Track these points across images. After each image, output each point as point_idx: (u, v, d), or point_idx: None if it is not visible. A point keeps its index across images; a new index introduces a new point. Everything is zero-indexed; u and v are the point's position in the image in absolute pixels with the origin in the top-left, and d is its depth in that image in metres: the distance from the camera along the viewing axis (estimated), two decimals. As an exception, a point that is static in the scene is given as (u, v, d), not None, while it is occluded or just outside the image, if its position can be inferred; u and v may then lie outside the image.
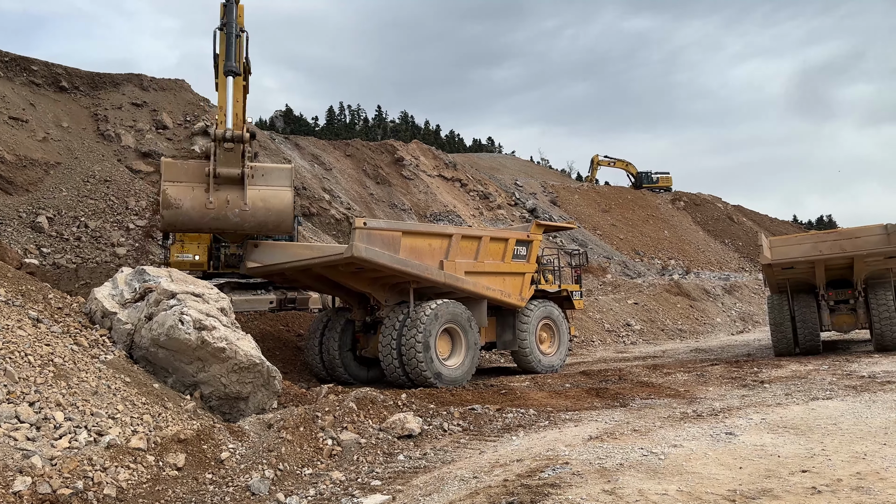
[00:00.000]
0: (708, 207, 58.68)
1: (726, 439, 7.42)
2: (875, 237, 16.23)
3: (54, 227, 21.36)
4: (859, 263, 16.42)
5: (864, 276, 17.14)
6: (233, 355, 8.71)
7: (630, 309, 27.81)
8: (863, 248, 16.12)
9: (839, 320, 17.51)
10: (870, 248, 16.10)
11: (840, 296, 17.46)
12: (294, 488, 6.68)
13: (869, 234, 16.39)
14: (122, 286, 9.52)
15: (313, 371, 14.80)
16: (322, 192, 31.74)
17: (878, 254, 16.14)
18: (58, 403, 6.65)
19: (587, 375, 14.61)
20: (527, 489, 5.86)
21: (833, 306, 17.53)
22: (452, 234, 13.74)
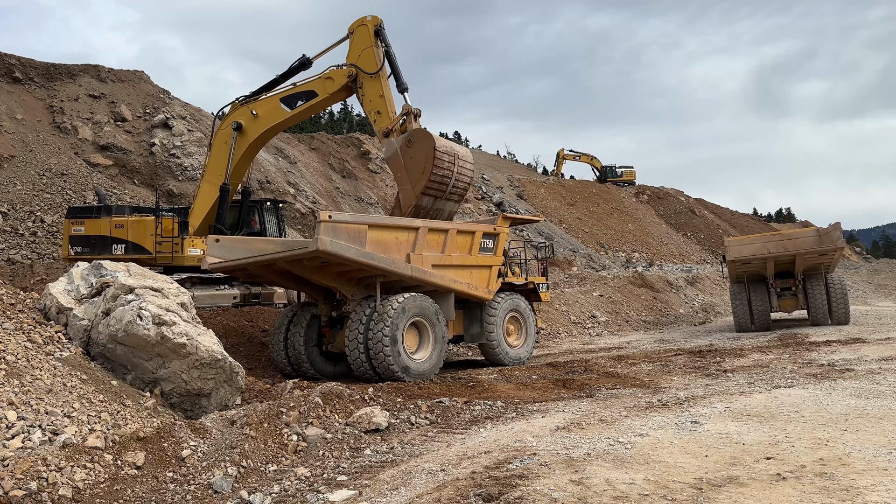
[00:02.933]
0: (671, 201, 59.58)
1: (691, 428, 7.48)
2: (810, 238, 21.19)
3: (9, 223, 20.74)
4: (799, 259, 21.06)
5: (803, 269, 21.88)
6: (194, 351, 8.52)
7: (595, 301, 28.05)
8: (801, 248, 20.79)
9: (784, 303, 22.65)
10: (806, 248, 20.80)
11: (785, 284, 22.42)
12: (258, 485, 6.54)
13: (806, 236, 21.51)
14: (77, 281, 9.24)
15: (279, 367, 14.60)
16: (287, 185, 31.34)
17: (813, 252, 20.87)
18: (10, 402, 6.41)
19: (554, 367, 14.66)
20: (495, 481, 5.82)
21: (780, 292, 22.52)
22: (419, 228, 13.63)
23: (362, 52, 15.12)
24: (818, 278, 21.83)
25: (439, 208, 14.87)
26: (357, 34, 15.29)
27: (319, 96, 15.68)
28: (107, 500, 5.81)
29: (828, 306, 21.67)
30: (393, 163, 14.48)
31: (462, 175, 14.88)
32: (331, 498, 5.97)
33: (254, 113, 16.35)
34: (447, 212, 15.14)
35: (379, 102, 14.82)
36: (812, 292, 21.77)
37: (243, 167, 17.25)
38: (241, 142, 16.52)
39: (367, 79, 15.01)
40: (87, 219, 17.35)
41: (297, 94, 15.91)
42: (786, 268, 21.88)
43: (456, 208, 15.47)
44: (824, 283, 21.78)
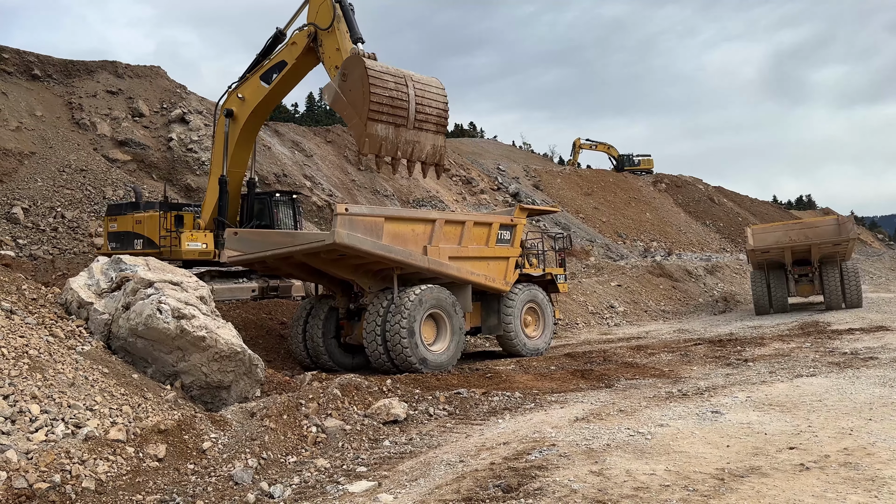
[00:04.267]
0: (689, 189, 59.00)
1: (712, 418, 7.42)
2: (830, 227, 23.77)
3: (30, 218, 20.99)
4: (814, 249, 23.00)
5: (819, 257, 23.45)
6: (213, 344, 8.56)
7: (613, 291, 27.89)
8: (822, 237, 23.07)
9: (802, 289, 24.48)
10: (826, 236, 23.06)
11: (802, 271, 24.13)
12: (278, 477, 6.58)
13: (826, 225, 24.08)
14: (98, 276, 9.31)
15: (298, 359, 14.66)
16: (303, 179, 31.43)
17: (828, 242, 23.02)
18: (33, 396, 6.48)
19: (572, 357, 14.61)
20: (514, 472, 5.80)
21: (797, 279, 24.30)
22: (436, 220, 13.61)
23: (319, 8, 14.77)
24: (833, 266, 23.49)
25: (412, 140, 13.83)
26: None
27: (289, 64, 15.42)
28: (129, 493, 5.86)
29: (842, 291, 23.38)
30: (337, 105, 13.69)
31: (427, 100, 13.92)
32: (350, 489, 5.98)
33: (240, 97, 16.25)
34: (427, 145, 14.11)
35: (336, 57, 14.29)
36: (827, 278, 23.38)
37: (243, 156, 17.00)
38: (234, 128, 16.43)
39: (324, 35, 14.64)
40: (118, 216, 18.06)
41: (272, 67, 15.73)
42: (803, 255, 23.61)
43: (441, 141, 14.43)
44: (839, 270, 23.46)
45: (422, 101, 13.90)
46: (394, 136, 13.58)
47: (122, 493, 5.82)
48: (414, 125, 13.81)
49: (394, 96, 13.48)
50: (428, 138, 14.18)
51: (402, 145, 13.75)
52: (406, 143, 13.80)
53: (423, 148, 14.09)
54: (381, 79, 13.30)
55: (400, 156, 13.76)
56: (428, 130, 14.12)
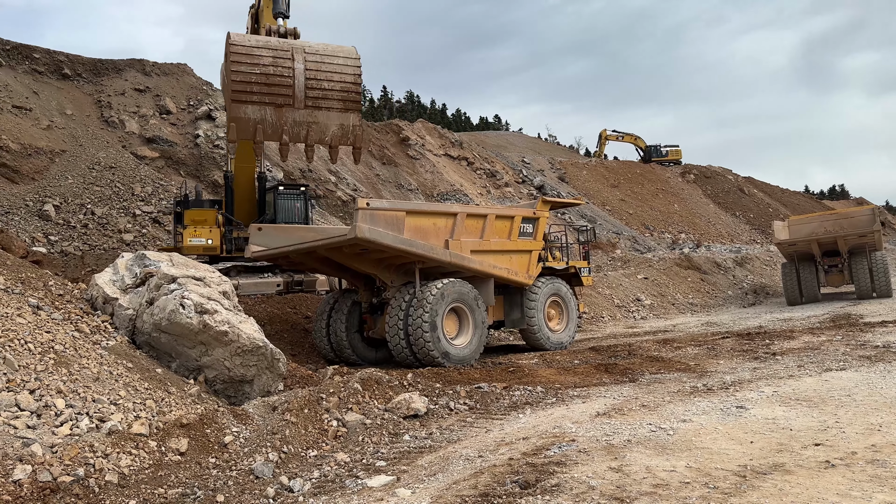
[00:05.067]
0: (718, 180, 58.09)
1: (737, 413, 7.28)
2: (865, 217, 24.33)
3: (61, 215, 21.39)
4: (841, 240, 23.66)
5: (848, 248, 24.16)
6: (235, 338, 8.64)
7: (640, 284, 27.60)
8: (857, 227, 23.77)
9: (832, 279, 25.02)
10: (861, 227, 23.70)
11: (832, 262, 24.67)
12: (298, 471, 6.62)
13: (861, 215, 24.59)
14: (122, 272, 9.45)
15: (322, 353, 14.76)
16: (328, 174, 31.58)
17: (854, 234, 23.62)
18: (59, 390, 6.59)
19: (596, 351, 14.49)
20: (532, 468, 5.76)
21: (827, 269, 24.85)
22: (457, 213, 13.57)
23: None
24: (862, 256, 24.11)
25: (306, 121, 12.40)
26: None
27: None
28: (151, 486, 5.94)
29: (871, 281, 23.90)
30: (223, 88, 12.90)
31: (325, 73, 12.42)
32: (369, 483, 5.99)
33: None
34: (332, 126, 12.58)
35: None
36: (856, 269, 23.98)
37: (249, 150, 16.65)
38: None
39: (260, 13, 14.13)
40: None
41: None
42: (832, 247, 24.21)
43: (353, 120, 12.75)
44: (867, 260, 23.99)
45: (316, 76, 12.33)
46: (274, 118, 12.20)
47: (144, 487, 5.90)
48: (305, 104, 12.30)
49: (269, 73, 12.06)
50: (332, 118, 12.60)
51: (291, 127, 12.29)
52: (295, 124, 12.33)
53: (325, 129, 12.54)
54: (250, 55, 12.03)
55: (288, 140, 12.30)
56: (331, 109, 12.56)
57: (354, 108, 12.75)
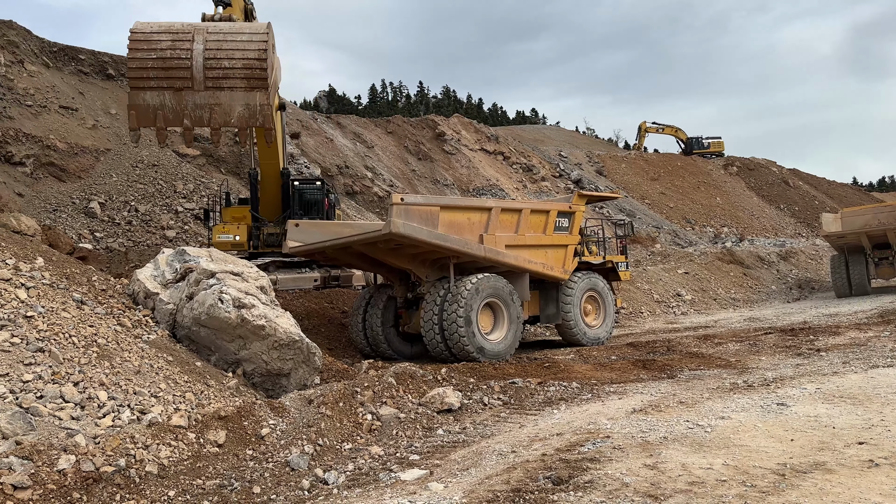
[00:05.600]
0: (762, 172, 56.75)
1: (778, 410, 7.11)
2: None
3: (106, 213, 21.97)
4: (891, 233, 23.35)
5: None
6: (272, 332, 8.77)
7: (680, 279, 27.16)
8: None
9: (881, 272, 24.79)
10: None
11: (883, 254, 24.45)
12: (333, 463, 6.69)
13: None
14: (163, 267, 9.66)
15: (358, 347, 14.89)
16: (365, 170, 31.79)
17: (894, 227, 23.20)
18: (101, 383, 6.77)
19: (634, 347, 14.31)
20: (565, 464, 5.71)
21: (878, 262, 24.63)
22: (492, 208, 13.53)
23: None
24: None
25: (207, 103, 11.64)
26: None
27: None
28: (189, 477, 6.06)
29: None
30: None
31: (226, 51, 11.63)
32: (402, 477, 6.02)
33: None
34: (236, 106, 11.68)
35: None
36: None
37: (268, 148, 16.80)
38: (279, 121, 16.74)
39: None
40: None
41: None
42: (882, 240, 24.00)
43: (259, 99, 11.70)
44: None
45: (216, 55, 11.55)
46: (174, 103, 11.52)
47: (182, 478, 6.03)
48: (205, 85, 11.57)
49: (166, 56, 11.46)
50: (235, 98, 11.67)
51: (191, 111, 11.57)
52: (197, 107, 11.60)
53: (229, 111, 11.65)
54: (148, 40, 11.54)
55: (190, 124, 11.59)
56: (233, 88, 11.68)
57: (260, 85, 11.62)
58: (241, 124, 11.82)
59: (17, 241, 8.80)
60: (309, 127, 32.61)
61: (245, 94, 11.65)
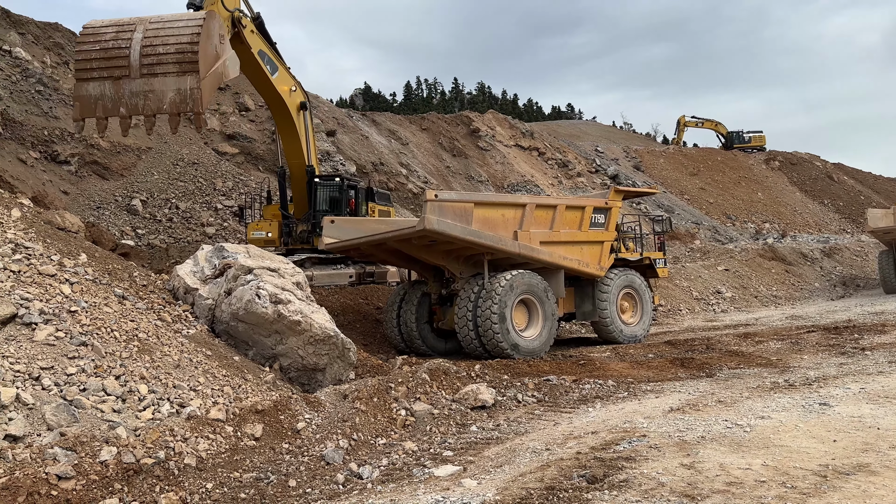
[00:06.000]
0: (805, 167, 55.37)
1: (820, 410, 6.94)
2: None
3: (148, 210, 22.44)
4: None
5: None
6: (308, 328, 8.86)
7: (720, 276, 26.67)
8: None
9: None
10: None
11: None
12: (367, 458, 6.73)
13: None
14: (202, 263, 9.83)
15: (392, 343, 14.96)
16: (399, 167, 31.90)
17: None
18: (142, 376, 6.92)
19: (672, 345, 14.11)
20: (600, 462, 5.66)
21: None
22: (526, 204, 13.45)
23: None
24: None
25: (142, 90, 11.57)
26: None
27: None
28: (227, 470, 6.16)
29: None
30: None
31: (162, 38, 11.56)
32: (436, 472, 6.03)
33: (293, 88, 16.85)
34: (169, 92, 11.59)
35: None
36: None
37: (296, 146, 17.40)
38: (301, 120, 17.18)
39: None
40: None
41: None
42: None
43: (191, 83, 11.54)
44: None
45: (152, 43, 11.52)
46: (113, 92, 11.54)
47: (220, 471, 6.13)
48: (141, 73, 11.52)
49: (108, 47, 11.54)
50: (168, 83, 11.57)
51: (128, 99, 11.54)
52: (133, 95, 11.55)
53: (161, 97, 11.57)
54: (94, 34, 11.71)
55: (126, 112, 11.53)
56: (167, 74, 11.57)
57: (191, 69, 11.51)
58: (172, 110, 11.67)
59: (62, 237, 9.05)
60: (344, 124, 32.85)
61: (177, 79, 11.60)
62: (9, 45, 23.36)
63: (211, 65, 11.77)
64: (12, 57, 23.15)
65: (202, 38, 11.50)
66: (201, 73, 11.42)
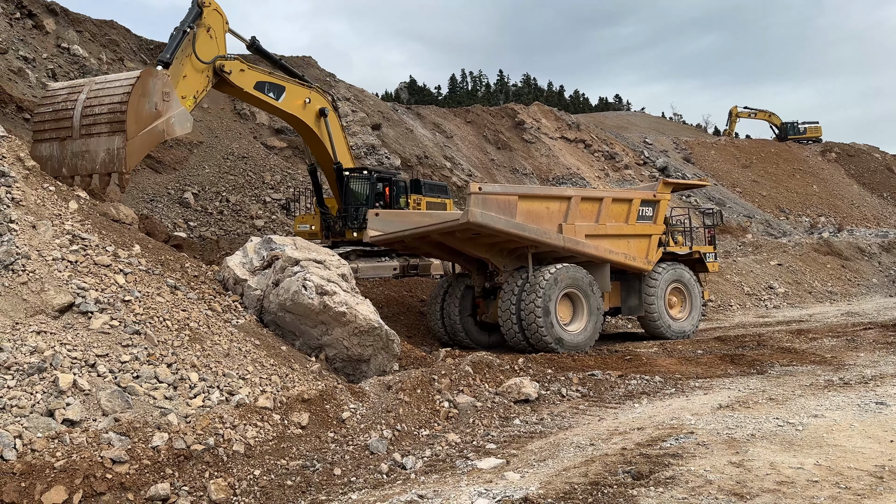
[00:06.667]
0: (863, 158, 53.41)
1: (876, 410, 6.70)
2: None
3: (199, 202, 22.99)
4: None
5: None
6: (353, 319, 8.95)
7: (773, 270, 25.97)
8: None
9: None
10: None
11: None
12: (411, 448, 6.78)
13: None
14: (251, 254, 10.02)
15: (436, 335, 15.01)
16: (444, 160, 31.93)
17: None
18: (193, 365, 7.10)
19: (722, 341, 13.82)
20: (646, 459, 5.58)
21: None
22: (571, 197, 13.30)
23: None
24: None
25: (81, 151, 11.73)
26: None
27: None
28: (274, 457, 6.28)
29: None
30: None
31: (100, 98, 11.75)
32: (479, 465, 6.04)
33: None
34: (100, 152, 11.67)
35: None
36: None
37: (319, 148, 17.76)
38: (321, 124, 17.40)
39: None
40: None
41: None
42: None
43: (117, 143, 11.61)
44: None
45: (91, 104, 11.80)
46: (58, 152, 11.82)
47: (267, 458, 6.25)
48: (80, 133, 11.78)
49: (59, 108, 11.94)
50: (101, 143, 11.66)
51: (69, 160, 11.77)
52: (73, 155, 11.79)
53: (94, 157, 11.73)
54: (52, 96, 12.24)
55: (67, 172, 11.67)
56: (100, 134, 11.67)
57: (119, 129, 11.61)
58: (102, 169, 11.74)
59: (116, 229, 9.34)
60: (389, 118, 33.02)
61: (108, 139, 11.75)
62: (67, 42, 24.15)
63: (146, 124, 11.81)
64: (70, 54, 23.93)
65: (133, 97, 11.57)
66: (129, 133, 11.49)
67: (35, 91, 21.57)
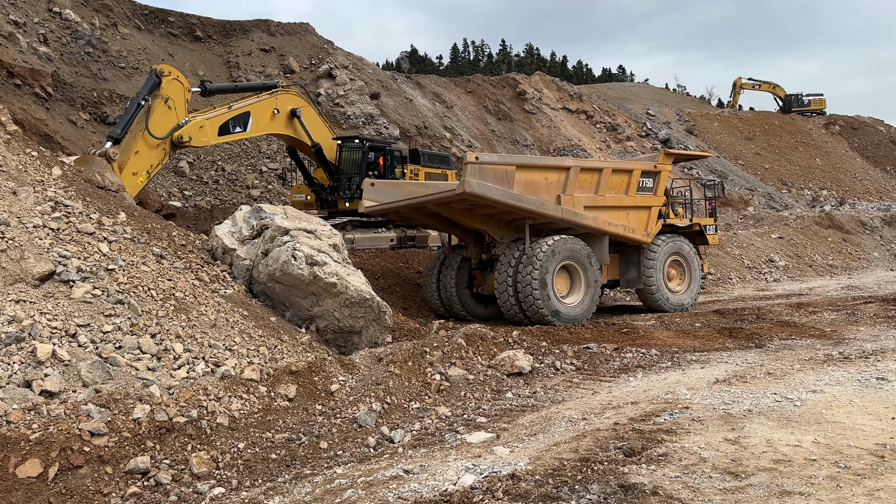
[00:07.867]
0: (867, 131, 52.87)
1: (877, 385, 6.55)
2: None
3: (195, 172, 22.71)
4: None
5: None
6: (343, 290, 8.77)
7: (774, 244, 25.76)
8: None
9: None
10: None
11: None
12: (400, 422, 6.64)
13: None
14: (240, 223, 9.81)
15: (432, 307, 14.87)
16: (443, 130, 31.54)
17: None
18: (177, 335, 6.94)
19: (721, 314, 13.67)
20: (639, 434, 5.43)
21: None
22: (570, 167, 13.05)
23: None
24: None
25: None
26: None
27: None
28: (259, 430, 6.14)
29: None
30: None
31: None
32: (468, 439, 5.90)
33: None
34: None
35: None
36: None
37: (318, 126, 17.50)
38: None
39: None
40: None
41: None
42: None
43: None
44: None
45: None
46: None
47: (252, 430, 6.11)
48: None
49: None
50: None
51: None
52: None
53: None
54: None
55: None
56: None
57: None
58: None
59: (102, 196, 9.11)
60: (388, 87, 32.54)
61: None
62: (59, 6, 23.65)
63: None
64: (62, 19, 23.46)
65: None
66: None
67: (26, 56, 21.17)
